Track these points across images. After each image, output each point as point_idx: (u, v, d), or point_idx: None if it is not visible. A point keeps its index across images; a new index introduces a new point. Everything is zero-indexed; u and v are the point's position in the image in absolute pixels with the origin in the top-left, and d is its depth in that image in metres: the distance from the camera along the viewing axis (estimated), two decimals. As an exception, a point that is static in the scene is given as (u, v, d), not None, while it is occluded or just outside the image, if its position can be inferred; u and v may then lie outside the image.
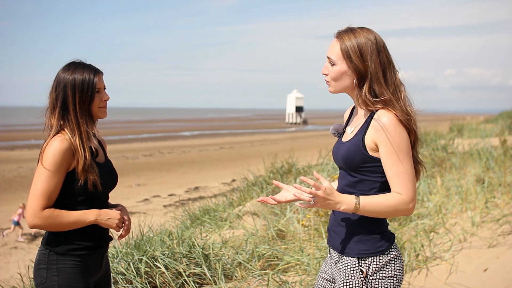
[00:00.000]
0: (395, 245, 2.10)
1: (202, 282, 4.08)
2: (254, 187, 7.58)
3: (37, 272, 2.30)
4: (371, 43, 2.02)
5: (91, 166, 2.29)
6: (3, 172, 21.36)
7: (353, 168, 2.07)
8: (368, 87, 2.03)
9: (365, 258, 2.05)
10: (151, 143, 37.22)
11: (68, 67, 2.34)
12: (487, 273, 4.29)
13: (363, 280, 2.04)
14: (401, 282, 2.10)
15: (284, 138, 43.61)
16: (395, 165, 1.98)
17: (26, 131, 46.98)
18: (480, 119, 30.35)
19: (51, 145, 2.25)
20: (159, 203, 15.55)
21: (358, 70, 2.03)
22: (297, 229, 5.13)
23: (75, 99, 2.29)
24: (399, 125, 1.98)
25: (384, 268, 2.04)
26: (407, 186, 1.98)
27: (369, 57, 2.01)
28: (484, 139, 9.75)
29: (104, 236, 2.43)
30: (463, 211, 5.62)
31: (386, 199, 1.99)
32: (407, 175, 1.99)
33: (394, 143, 1.97)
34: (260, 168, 8.84)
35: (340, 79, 2.08)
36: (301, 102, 79.64)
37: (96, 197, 2.36)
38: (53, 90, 2.33)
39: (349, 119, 2.26)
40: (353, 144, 2.07)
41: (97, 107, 2.36)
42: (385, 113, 2.00)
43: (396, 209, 1.99)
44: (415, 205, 2.02)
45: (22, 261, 9.19)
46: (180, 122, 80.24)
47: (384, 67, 2.04)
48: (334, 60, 2.07)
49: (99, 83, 2.35)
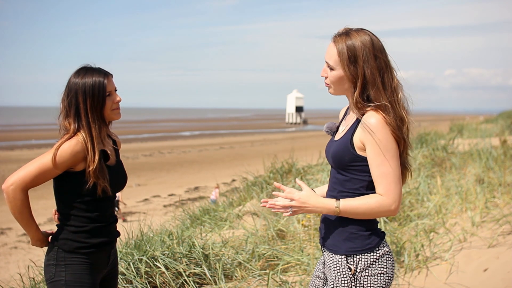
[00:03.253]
0: (384, 242, 2.11)
1: (202, 282, 4.08)
2: (254, 187, 7.58)
3: (46, 268, 2.38)
4: (367, 48, 2.02)
5: (102, 171, 2.32)
6: (3, 172, 21.35)
7: (342, 167, 2.09)
8: (359, 92, 2.03)
9: (353, 255, 2.07)
10: (151, 143, 37.22)
11: (78, 73, 2.36)
12: (487, 273, 4.28)
13: (351, 277, 2.05)
14: (392, 280, 2.10)
15: (284, 138, 43.61)
16: (380, 165, 2.00)
17: (26, 131, 46.99)
18: (480, 119, 30.35)
19: (67, 144, 2.28)
20: (159, 203, 15.55)
21: (354, 74, 2.03)
22: (297, 229, 5.13)
23: (87, 104, 2.32)
24: (385, 127, 1.99)
25: (373, 266, 2.05)
26: (390, 188, 2.00)
27: (364, 62, 2.02)
28: (484, 139, 9.74)
29: (111, 233, 2.47)
30: (463, 211, 5.62)
31: (367, 202, 2.01)
32: (391, 176, 2.00)
33: (381, 144, 1.98)
34: (260, 168, 8.84)
35: (340, 84, 2.09)
36: (301, 102, 79.66)
37: (104, 199, 2.40)
38: (65, 96, 2.36)
39: (343, 118, 2.28)
40: (342, 142, 2.10)
41: (109, 110, 2.39)
42: (373, 114, 2.01)
43: (377, 211, 2.01)
44: (399, 205, 2.02)
45: (22, 261, 9.19)
46: (180, 122, 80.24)
47: (382, 71, 2.04)
48: (332, 65, 2.08)
49: (109, 86, 2.37)
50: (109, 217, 2.46)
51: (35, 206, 15.09)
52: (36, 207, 14.95)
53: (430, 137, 10.97)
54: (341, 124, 2.24)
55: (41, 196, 15.23)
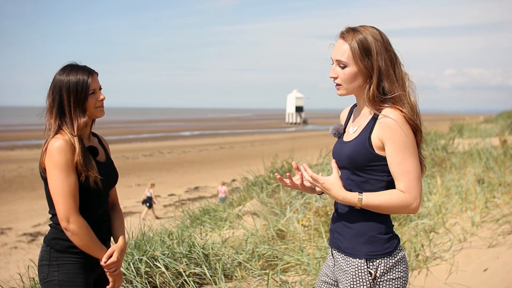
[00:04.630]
0: (400, 246, 2.08)
1: (202, 282, 4.08)
2: (254, 187, 7.57)
3: (40, 268, 2.38)
4: (378, 40, 2.01)
5: (90, 164, 2.34)
6: (3, 172, 21.36)
7: (359, 168, 2.04)
8: (376, 84, 2.00)
9: (373, 259, 2.01)
10: (151, 143, 37.22)
11: (63, 70, 2.39)
12: (487, 273, 4.28)
13: (371, 282, 2.00)
14: (407, 283, 2.07)
15: (284, 138, 43.60)
16: (400, 163, 1.96)
17: (26, 131, 46.99)
18: (480, 119, 30.35)
19: (52, 145, 2.29)
20: (159, 203, 15.55)
21: (369, 68, 2.00)
22: (297, 229, 5.13)
23: (70, 101, 2.35)
24: (405, 124, 1.96)
25: (392, 270, 2.01)
26: (412, 185, 1.96)
27: (378, 54, 1.99)
28: (484, 139, 9.74)
29: (103, 232, 2.46)
30: (463, 211, 5.62)
31: (389, 198, 1.96)
32: (412, 173, 1.96)
33: (400, 141, 1.95)
34: (260, 168, 8.84)
35: (353, 80, 2.04)
36: (301, 102, 79.67)
37: (96, 195, 2.40)
38: (50, 93, 2.39)
39: (349, 119, 2.24)
40: (358, 143, 2.04)
41: (93, 107, 2.40)
42: (392, 111, 1.97)
43: (399, 208, 1.97)
44: (420, 204, 1.99)
45: (22, 261, 9.19)
46: (180, 122, 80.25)
47: (393, 62, 2.02)
48: (345, 62, 2.03)
49: (93, 84, 2.39)
50: (102, 216, 2.46)
51: (35, 206, 15.10)
52: (36, 207, 14.95)
53: (430, 137, 10.98)
54: (350, 125, 2.18)
55: (41, 196, 15.21)
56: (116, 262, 2.40)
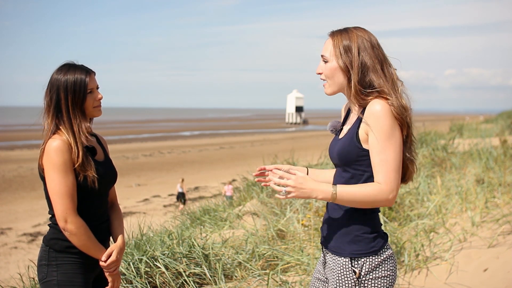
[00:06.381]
0: (388, 245, 2.08)
1: (202, 282, 4.08)
2: (254, 187, 7.58)
3: (39, 268, 2.38)
4: (364, 39, 2.03)
5: (88, 163, 2.33)
6: (3, 172, 21.37)
7: (348, 164, 2.05)
8: (357, 78, 2.00)
9: (358, 258, 2.03)
10: (151, 143, 37.23)
11: (60, 70, 2.38)
12: (487, 273, 4.28)
13: (355, 280, 2.02)
14: (394, 282, 2.08)
15: (284, 138, 43.62)
16: (380, 152, 1.95)
17: (26, 131, 46.98)
18: (480, 119, 30.36)
19: (50, 145, 2.29)
20: (159, 203, 15.57)
21: (347, 63, 2.02)
22: (297, 229, 5.13)
23: (68, 100, 2.33)
24: (390, 114, 1.95)
25: (377, 269, 2.02)
26: (389, 176, 1.95)
27: (361, 49, 2.01)
28: (484, 139, 9.74)
29: (102, 232, 2.46)
30: (463, 211, 5.62)
31: (364, 189, 1.96)
32: (391, 164, 1.95)
33: (382, 129, 1.94)
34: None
35: (334, 76, 2.07)
36: (301, 102, 79.68)
37: (95, 195, 2.39)
38: (47, 92, 2.38)
39: (347, 117, 2.24)
40: (347, 139, 2.06)
41: (91, 107, 2.39)
42: (378, 101, 1.97)
43: (374, 199, 1.96)
44: (396, 195, 1.98)
45: (22, 261, 9.20)
46: (180, 122, 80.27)
47: (381, 60, 2.04)
48: (327, 57, 2.08)
49: (91, 84, 2.38)
50: (101, 216, 2.45)
51: (35, 206, 15.11)
52: (36, 207, 14.96)
53: (430, 137, 10.98)
54: (345, 124, 2.19)
55: (41, 196, 15.23)
56: (115, 262, 2.40)
